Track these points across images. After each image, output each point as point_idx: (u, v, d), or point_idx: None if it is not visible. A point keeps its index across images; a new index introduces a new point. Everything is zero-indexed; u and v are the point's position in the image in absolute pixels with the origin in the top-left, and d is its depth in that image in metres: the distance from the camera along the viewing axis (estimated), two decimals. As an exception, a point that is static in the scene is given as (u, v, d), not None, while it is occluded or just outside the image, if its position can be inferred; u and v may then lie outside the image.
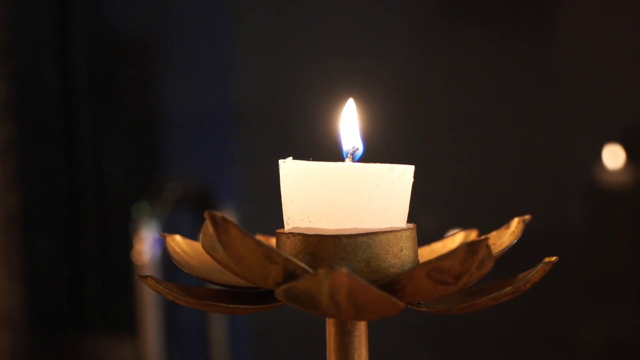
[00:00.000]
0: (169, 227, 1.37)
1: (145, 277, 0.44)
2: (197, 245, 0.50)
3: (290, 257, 0.40)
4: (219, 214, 0.39)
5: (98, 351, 1.43)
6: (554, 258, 0.43)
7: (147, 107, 1.51)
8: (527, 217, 0.48)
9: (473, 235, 0.52)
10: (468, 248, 0.38)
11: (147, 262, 1.32)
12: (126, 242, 1.35)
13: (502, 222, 0.57)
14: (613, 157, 1.24)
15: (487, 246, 0.39)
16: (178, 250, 0.49)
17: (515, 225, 0.48)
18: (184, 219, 1.41)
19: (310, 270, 0.40)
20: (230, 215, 1.43)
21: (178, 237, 0.49)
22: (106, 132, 1.52)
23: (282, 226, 0.46)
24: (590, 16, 1.27)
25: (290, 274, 0.40)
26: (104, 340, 1.45)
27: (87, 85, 1.52)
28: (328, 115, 1.40)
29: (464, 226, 0.56)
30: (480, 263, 0.39)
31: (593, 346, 1.27)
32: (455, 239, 0.52)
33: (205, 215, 0.39)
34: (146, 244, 1.33)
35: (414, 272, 0.39)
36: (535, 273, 0.42)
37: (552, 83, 1.29)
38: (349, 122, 0.48)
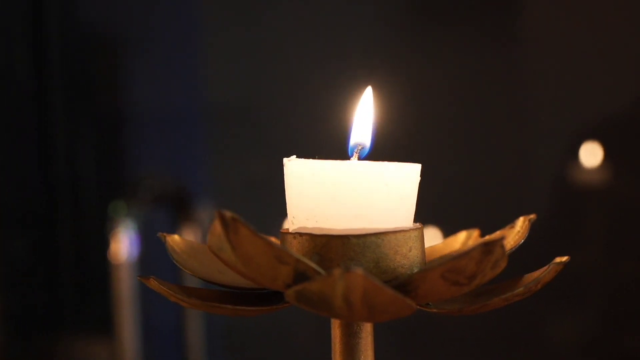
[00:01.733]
0: (146, 226, 1.35)
1: (148, 277, 0.43)
2: (196, 245, 0.49)
3: (302, 258, 0.39)
4: (228, 213, 0.38)
5: (73, 352, 1.41)
6: (564, 258, 0.42)
7: (123, 105, 1.50)
8: (532, 216, 0.48)
9: (475, 234, 0.51)
10: (484, 248, 0.38)
11: (124, 261, 1.31)
12: (102, 241, 1.34)
13: (481, 220, 0.56)
14: (590, 155, 1.25)
15: (502, 246, 0.38)
16: (177, 250, 0.48)
17: (520, 224, 0.48)
18: (160, 217, 1.40)
19: (321, 271, 0.40)
20: (208, 213, 1.41)
21: (177, 237, 0.48)
22: (80, 130, 1.50)
23: (262, 224, 0.45)
24: (566, 13, 1.27)
25: (301, 275, 0.39)
26: (79, 341, 1.43)
27: (61, 83, 1.49)
28: (303, 111, 1.39)
29: (450, 225, 0.56)
30: (494, 263, 0.39)
31: (565, 345, 1.28)
32: (458, 238, 0.52)
33: (215, 214, 0.38)
34: (123, 243, 1.31)
35: (428, 272, 0.38)
36: (547, 273, 0.42)
37: (524, 82, 1.29)
38: (364, 114, 0.47)
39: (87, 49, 1.52)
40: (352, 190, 0.43)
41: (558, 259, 0.42)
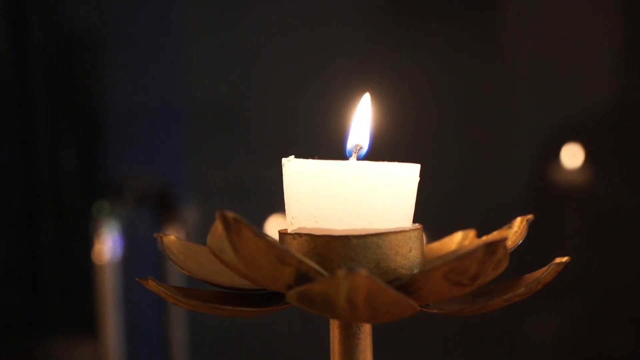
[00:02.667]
0: (130, 226, 1.35)
1: (146, 278, 0.42)
2: (191, 246, 0.49)
3: (304, 259, 0.38)
4: (230, 214, 0.38)
5: (57, 353, 1.40)
6: (565, 258, 0.42)
7: (105, 104, 1.49)
8: (529, 216, 0.48)
9: (471, 234, 0.51)
10: (487, 248, 0.37)
11: (107, 261, 1.30)
12: (86, 241, 1.33)
13: (469, 220, 0.56)
14: (571, 156, 1.25)
15: (505, 247, 0.38)
16: (174, 250, 0.47)
17: (518, 224, 0.48)
18: (144, 217, 1.39)
19: (324, 272, 0.39)
20: (192, 213, 1.41)
21: (173, 237, 0.48)
22: (63, 130, 1.49)
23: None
24: (546, 13, 1.28)
25: (302, 276, 0.39)
26: (62, 342, 1.42)
27: (43, 82, 1.48)
28: (287, 110, 1.39)
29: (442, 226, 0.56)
30: (496, 264, 0.39)
31: (546, 344, 1.28)
32: (454, 239, 0.52)
33: (216, 215, 0.38)
34: (107, 243, 1.30)
35: (431, 273, 0.38)
36: (547, 274, 0.42)
37: (507, 82, 1.29)
38: (361, 119, 0.47)
39: (70, 50, 1.51)
40: (353, 190, 0.42)
41: (558, 260, 0.42)
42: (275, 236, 0.45)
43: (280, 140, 1.38)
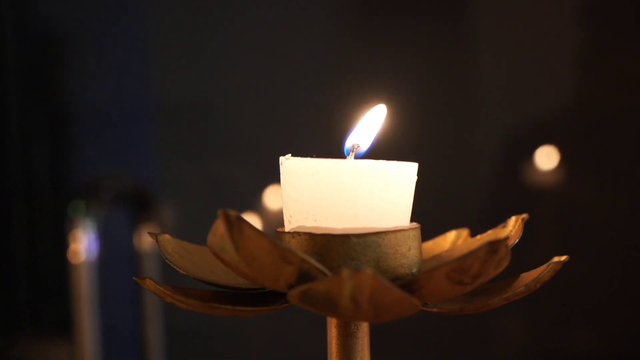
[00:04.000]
0: (106, 226, 1.34)
1: (144, 278, 0.42)
2: (186, 245, 0.48)
3: (307, 258, 0.38)
4: (233, 212, 0.37)
5: (31, 354, 1.38)
6: (563, 257, 0.42)
7: (80, 104, 1.47)
8: (524, 215, 0.48)
9: (465, 234, 0.51)
10: (489, 247, 0.38)
11: (83, 261, 1.29)
12: (61, 241, 1.32)
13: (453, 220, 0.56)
14: (544, 157, 1.26)
15: (507, 246, 0.38)
16: (169, 249, 0.47)
17: (513, 224, 0.48)
18: (119, 217, 1.38)
19: (326, 271, 0.39)
20: (168, 212, 1.40)
21: (168, 236, 0.47)
22: (37, 129, 1.48)
23: (214, 219, 0.44)
24: (512, 13, 1.29)
25: (304, 275, 0.39)
26: (37, 343, 1.40)
27: (15, 81, 1.47)
28: (260, 109, 1.38)
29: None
30: (497, 263, 0.39)
31: (513, 344, 1.29)
32: (447, 238, 0.52)
33: (218, 214, 0.37)
34: (82, 243, 1.29)
35: (434, 272, 0.38)
36: (546, 273, 0.42)
37: (472, 83, 1.30)
38: (369, 124, 0.47)
39: (42, 49, 1.49)
40: (352, 189, 0.42)
41: (557, 259, 0.42)
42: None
43: (255, 139, 1.37)
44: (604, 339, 1.25)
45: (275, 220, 1.33)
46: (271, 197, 1.34)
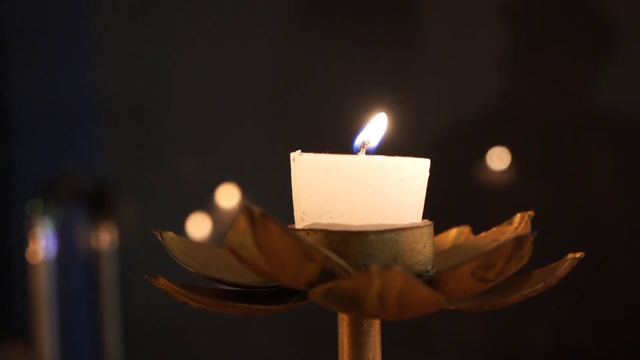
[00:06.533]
0: (64, 224, 1.31)
1: (156, 276, 0.41)
2: (189, 242, 0.47)
3: (332, 255, 0.38)
4: (257, 209, 0.37)
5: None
6: (579, 254, 0.42)
7: (36, 102, 1.44)
8: (530, 212, 0.48)
9: (466, 231, 0.51)
10: (515, 243, 0.37)
11: (42, 261, 1.26)
12: (19, 240, 1.29)
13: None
14: (496, 158, 1.27)
15: (531, 242, 0.38)
16: (174, 246, 0.46)
17: (518, 221, 0.48)
18: (78, 215, 1.36)
19: (349, 268, 0.39)
20: (127, 211, 1.38)
21: (172, 234, 0.46)
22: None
23: (179, 219, 0.43)
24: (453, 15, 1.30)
25: (327, 273, 0.38)
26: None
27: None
28: (217, 108, 1.37)
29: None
30: (520, 259, 0.39)
31: (466, 344, 1.30)
32: (449, 235, 0.52)
33: (241, 210, 0.37)
34: (41, 242, 1.26)
35: (458, 269, 0.38)
36: (563, 269, 0.42)
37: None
38: (373, 132, 0.46)
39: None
40: (368, 185, 0.42)
41: (571, 255, 0.42)
42: (198, 235, 0.44)
43: (211, 136, 1.36)
44: (557, 337, 1.26)
45: (231, 217, 1.32)
46: (227, 195, 1.33)
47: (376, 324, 0.44)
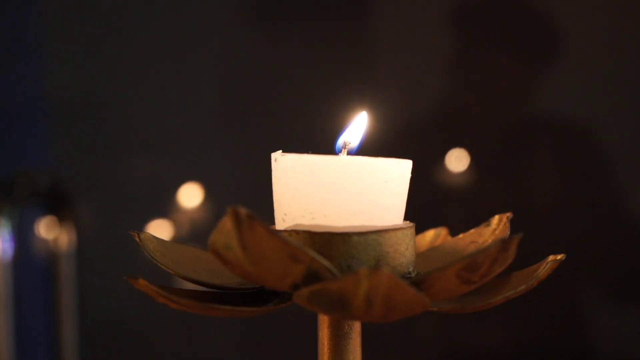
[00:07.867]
0: (20, 225, 1.30)
1: (136, 278, 0.40)
2: (167, 243, 0.47)
3: (318, 257, 0.37)
4: (243, 210, 0.36)
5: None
6: (560, 256, 0.42)
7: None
8: (508, 214, 0.48)
9: (443, 233, 0.51)
10: (502, 245, 0.37)
11: (-2, 261, 1.24)
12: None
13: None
14: (456, 159, 1.27)
15: (517, 244, 0.38)
16: (151, 247, 0.45)
17: (496, 223, 0.48)
18: (35, 215, 1.34)
19: (335, 270, 0.38)
20: (83, 211, 1.37)
21: (150, 235, 0.46)
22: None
23: (137, 218, 0.43)
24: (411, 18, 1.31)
25: (313, 275, 0.38)
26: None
27: None
28: (174, 106, 1.36)
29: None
30: (504, 261, 0.39)
31: (432, 345, 1.30)
32: (426, 237, 0.51)
33: (228, 211, 0.36)
34: (-3, 242, 1.24)
35: (444, 271, 0.38)
36: (544, 271, 0.42)
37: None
38: (354, 130, 0.46)
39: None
40: (351, 186, 0.41)
41: (552, 257, 0.43)
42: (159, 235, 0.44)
43: (169, 136, 1.36)
44: (513, 337, 1.27)
45: (193, 217, 1.31)
46: (187, 195, 1.32)
47: (357, 326, 0.43)
